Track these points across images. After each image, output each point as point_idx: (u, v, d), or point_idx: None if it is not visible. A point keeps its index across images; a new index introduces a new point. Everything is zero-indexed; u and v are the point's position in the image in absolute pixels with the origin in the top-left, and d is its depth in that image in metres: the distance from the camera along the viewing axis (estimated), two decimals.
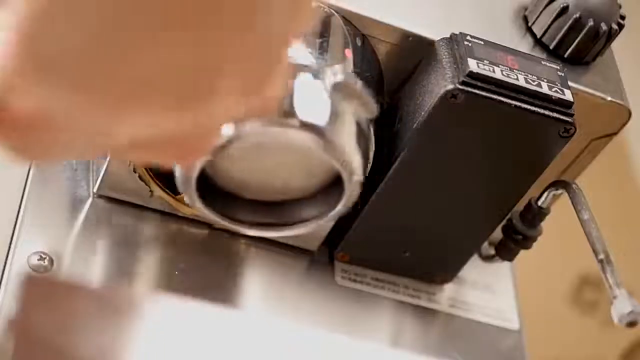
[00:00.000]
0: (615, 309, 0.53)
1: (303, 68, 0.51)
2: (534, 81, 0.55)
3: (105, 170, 0.59)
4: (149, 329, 0.58)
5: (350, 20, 0.56)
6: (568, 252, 1.01)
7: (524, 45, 0.58)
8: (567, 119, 0.55)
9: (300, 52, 0.54)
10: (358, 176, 0.54)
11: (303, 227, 0.58)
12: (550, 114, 0.55)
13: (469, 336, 0.66)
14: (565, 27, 0.57)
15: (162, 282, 0.60)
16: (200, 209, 0.55)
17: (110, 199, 0.61)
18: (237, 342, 0.59)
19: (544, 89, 0.55)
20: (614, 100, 0.59)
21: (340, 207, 0.56)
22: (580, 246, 0.58)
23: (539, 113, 0.55)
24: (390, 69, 0.58)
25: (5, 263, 0.56)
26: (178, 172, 0.54)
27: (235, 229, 0.57)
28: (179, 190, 0.56)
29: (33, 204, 0.59)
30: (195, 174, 0.53)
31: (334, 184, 0.56)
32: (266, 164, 0.56)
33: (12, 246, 0.57)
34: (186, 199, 0.56)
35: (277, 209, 0.58)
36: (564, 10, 0.57)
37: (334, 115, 0.50)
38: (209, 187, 0.55)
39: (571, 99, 0.55)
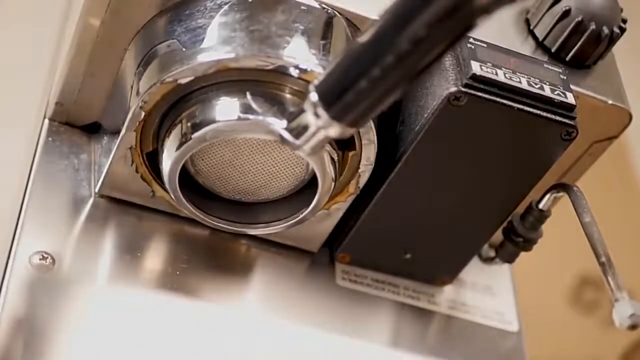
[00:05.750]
0: (616, 312, 0.53)
1: None
2: (536, 84, 0.55)
3: (107, 170, 0.59)
4: (150, 328, 0.58)
5: (353, 21, 0.56)
6: (568, 252, 1.01)
7: (526, 48, 0.58)
8: (570, 122, 0.55)
9: (303, 53, 0.54)
10: (331, 172, 0.56)
11: (278, 226, 0.60)
12: (553, 117, 0.55)
13: (468, 338, 0.66)
14: (567, 31, 0.57)
15: (163, 282, 0.60)
16: (181, 203, 0.58)
17: (112, 199, 0.61)
18: (237, 342, 0.59)
19: (547, 92, 0.55)
20: (615, 103, 0.59)
21: (313, 206, 0.58)
22: (580, 246, 0.58)
23: (541, 116, 0.55)
24: None
25: (7, 263, 0.56)
26: (165, 168, 0.56)
27: (214, 224, 0.60)
28: (164, 186, 0.57)
29: (35, 204, 0.59)
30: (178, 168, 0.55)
31: (308, 185, 0.58)
32: (242, 163, 0.57)
33: (14, 246, 0.57)
34: (171, 196, 0.58)
35: (252, 208, 0.60)
36: (566, 13, 0.57)
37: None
38: (191, 185, 0.58)
39: (573, 102, 0.55)
